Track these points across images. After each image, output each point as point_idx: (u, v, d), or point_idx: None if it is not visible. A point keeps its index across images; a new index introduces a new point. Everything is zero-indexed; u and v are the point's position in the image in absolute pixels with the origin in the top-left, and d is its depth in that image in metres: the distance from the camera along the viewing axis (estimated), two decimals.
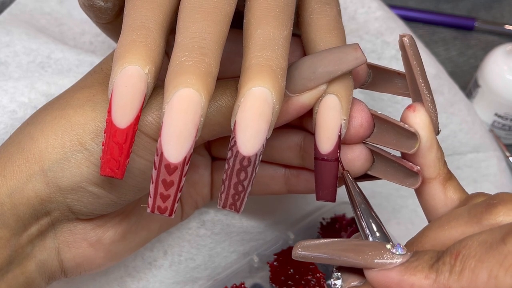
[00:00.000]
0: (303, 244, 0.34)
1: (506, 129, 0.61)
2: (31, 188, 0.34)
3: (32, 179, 0.34)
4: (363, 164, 0.37)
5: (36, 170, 0.34)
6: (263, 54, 0.30)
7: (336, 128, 0.34)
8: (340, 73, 0.34)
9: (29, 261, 0.35)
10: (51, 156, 0.34)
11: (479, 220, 0.30)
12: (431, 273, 0.29)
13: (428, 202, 0.36)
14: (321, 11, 0.37)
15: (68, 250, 0.37)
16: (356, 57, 0.34)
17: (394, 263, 0.31)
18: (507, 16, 0.72)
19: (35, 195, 0.34)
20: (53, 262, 0.37)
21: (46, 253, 0.36)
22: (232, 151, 0.30)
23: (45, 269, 0.37)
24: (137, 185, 0.35)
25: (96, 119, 0.34)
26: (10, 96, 0.47)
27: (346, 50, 0.34)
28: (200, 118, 0.29)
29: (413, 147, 0.35)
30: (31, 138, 0.34)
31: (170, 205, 0.30)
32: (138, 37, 0.31)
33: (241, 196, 0.31)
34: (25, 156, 0.34)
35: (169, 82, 0.29)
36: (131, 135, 0.30)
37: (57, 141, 0.34)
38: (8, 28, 0.52)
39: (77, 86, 0.36)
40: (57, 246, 0.37)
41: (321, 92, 0.34)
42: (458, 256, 0.29)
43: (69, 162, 0.34)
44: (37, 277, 0.36)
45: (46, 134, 0.34)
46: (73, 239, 0.37)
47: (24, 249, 0.35)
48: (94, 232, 0.37)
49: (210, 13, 0.31)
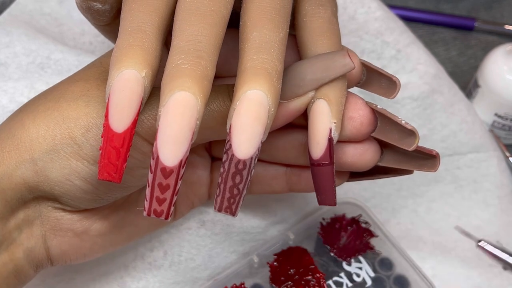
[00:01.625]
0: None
1: (506, 129, 0.61)
2: (19, 174, 0.34)
3: (21, 166, 0.34)
4: (373, 157, 0.37)
5: (26, 158, 0.34)
6: (258, 57, 0.30)
7: (325, 132, 0.34)
8: (328, 80, 0.34)
9: (17, 248, 0.36)
10: (41, 146, 0.34)
11: None
12: None
13: None
14: (314, 13, 0.37)
15: (54, 237, 0.37)
16: (344, 64, 0.34)
17: None
18: (507, 16, 0.72)
19: (23, 182, 0.34)
20: (40, 250, 0.37)
21: (33, 241, 0.37)
22: (227, 155, 0.30)
23: (32, 257, 0.37)
24: (125, 183, 0.36)
25: (88, 114, 0.34)
26: (10, 96, 0.47)
27: (334, 57, 0.34)
28: (196, 122, 0.29)
29: (412, 144, 0.35)
30: (22, 126, 0.35)
31: (166, 208, 0.30)
32: (134, 40, 0.31)
33: (237, 199, 0.31)
34: (15, 143, 0.34)
35: (165, 85, 0.29)
36: (128, 139, 0.30)
37: (48, 133, 0.34)
38: (8, 29, 0.52)
39: (72, 78, 0.36)
40: (43, 233, 0.37)
41: (309, 98, 0.34)
42: None
43: (58, 154, 0.34)
44: (25, 265, 0.37)
45: (37, 124, 0.34)
46: (59, 227, 0.37)
47: (12, 233, 0.35)
48: (80, 223, 0.38)
49: (206, 16, 0.31)
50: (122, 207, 0.40)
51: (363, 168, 0.38)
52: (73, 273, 0.47)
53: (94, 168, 0.34)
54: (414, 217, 0.55)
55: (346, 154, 0.37)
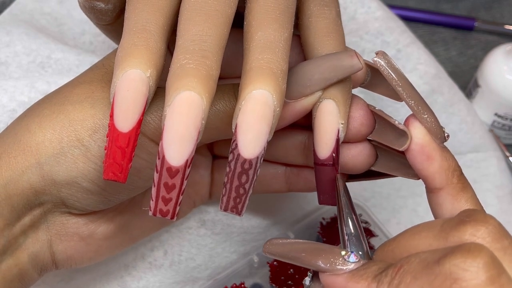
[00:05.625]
0: (272, 241, 0.35)
1: (506, 129, 0.61)
2: (26, 179, 0.34)
3: (27, 171, 0.34)
4: (367, 159, 0.37)
5: (32, 162, 0.34)
6: (264, 57, 0.30)
7: (334, 133, 0.34)
8: (336, 80, 0.34)
9: (22, 253, 0.36)
10: (47, 150, 0.34)
11: (446, 235, 0.30)
12: (373, 283, 0.30)
13: (435, 210, 0.36)
14: (319, 13, 0.37)
15: (60, 242, 0.37)
16: (352, 64, 0.34)
17: (344, 270, 0.32)
18: (507, 16, 0.72)
19: (30, 187, 0.34)
20: (45, 254, 0.37)
21: (39, 245, 0.37)
22: (233, 154, 0.30)
23: (37, 261, 0.37)
24: (131, 184, 0.36)
25: (95, 116, 0.34)
26: (10, 95, 0.47)
27: (342, 57, 0.34)
28: (202, 121, 0.29)
29: (403, 144, 0.35)
30: (28, 131, 0.35)
31: (172, 208, 0.30)
32: (139, 40, 0.31)
33: (243, 199, 0.31)
34: (21, 148, 0.34)
35: (170, 85, 0.29)
36: (133, 139, 0.30)
37: (54, 136, 0.34)
38: (8, 28, 0.52)
39: (76, 81, 0.36)
40: (49, 238, 0.37)
41: (317, 98, 0.34)
42: (400, 270, 0.29)
43: (65, 157, 0.34)
44: (29, 269, 0.37)
45: (43, 127, 0.34)
46: (65, 232, 0.37)
47: (17, 239, 0.35)
48: (86, 227, 0.38)
49: (211, 16, 0.31)
50: (127, 210, 0.40)
51: (358, 170, 0.38)
52: (73, 273, 0.47)
53: (101, 170, 0.34)
54: (414, 217, 0.55)
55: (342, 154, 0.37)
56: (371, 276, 0.30)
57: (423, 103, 0.35)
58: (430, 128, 0.35)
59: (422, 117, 0.34)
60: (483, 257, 0.27)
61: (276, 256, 0.35)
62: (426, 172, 0.35)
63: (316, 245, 0.34)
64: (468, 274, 0.26)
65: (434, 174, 0.35)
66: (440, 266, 0.27)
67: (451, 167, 0.35)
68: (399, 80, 0.34)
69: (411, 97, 0.34)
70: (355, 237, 0.34)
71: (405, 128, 0.35)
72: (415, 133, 0.35)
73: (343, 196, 0.35)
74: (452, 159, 0.35)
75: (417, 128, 0.35)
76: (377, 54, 0.34)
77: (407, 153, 0.35)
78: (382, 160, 0.38)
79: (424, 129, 0.35)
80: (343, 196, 0.35)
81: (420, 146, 0.34)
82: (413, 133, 0.35)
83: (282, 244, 0.34)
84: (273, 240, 0.35)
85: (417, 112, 0.34)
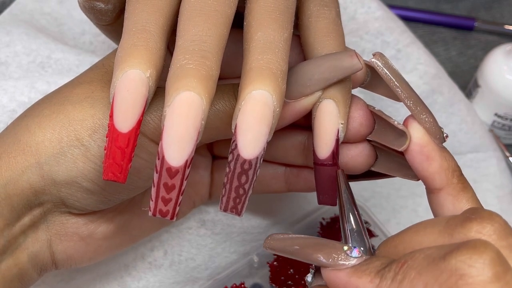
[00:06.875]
0: (273, 236, 0.35)
1: (506, 129, 0.61)
2: (26, 179, 0.34)
3: (27, 171, 0.34)
4: (366, 160, 0.37)
5: (32, 162, 0.34)
6: (263, 57, 0.30)
7: (333, 133, 0.34)
8: (336, 80, 0.34)
9: (21, 253, 0.36)
10: (47, 149, 0.34)
11: (452, 232, 0.30)
12: (376, 278, 0.30)
13: (436, 211, 0.35)
14: (319, 14, 0.37)
15: (60, 242, 0.37)
16: (352, 64, 0.34)
17: (346, 265, 0.32)
18: (507, 16, 0.72)
19: (30, 187, 0.34)
20: (45, 254, 0.37)
21: (38, 245, 0.37)
22: (233, 154, 0.30)
23: (37, 261, 0.37)
24: (131, 184, 0.36)
25: (94, 116, 0.34)
26: (10, 96, 0.47)
27: (342, 57, 0.34)
28: (201, 122, 0.29)
29: (403, 145, 0.35)
30: (28, 131, 0.35)
31: (172, 208, 0.30)
32: (139, 40, 0.31)
33: (242, 199, 0.31)
34: (21, 148, 0.34)
35: (170, 85, 0.29)
36: (133, 139, 0.30)
37: (54, 135, 0.34)
38: (8, 28, 0.52)
39: (76, 80, 0.36)
40: (49, 238, 0.37)
41: (317, 98, 0.34)
42: (404, 266, 0.29)
43: (65, 157, 0.34)
44: (29, 269, 0.37)
45: (43, 127, 0.34)
46: (65, 232, 0.37)
47: (17, 239, 0.35)
48: (86, 227, 0.38)
49: (211, 16, 0.31)
50: (126, 210, 0.40)
51: (358, 170, 0.38)
52: (73, 273, 0.47)
53: (101, 170, 0.34)
54: (414, 217, 0.55)
55: (342, 154, 0.37)
56: (374, 271, 0.30)
57: (421, 104, 0.35)
58: (428, 128, 0.35)
59: (421, 118, 0.34)
60: (489, 253, 0.27)
61: (277, 251, 0.34)
62: (425, 173, 0.35)
63: (317, 240, 0.33)
64: (474, 271, 0.26)
65: (433, 174, 0.34)
66: (445, 262, 0.27)
67: (451, 167, 0.35)
68: (396, 81, 0.34)
69: (409, 97, 0.34)
70: (357, 233, 0.34)
71: (405, 128, 0.35)
72: (414, 133, 0.34)
73: (344, 192, 0.35)
74: (451, 159, 0.35)
75: (416, 128, 0.35)
76: (374, 55, 0.34)
77: (407, 153, 0.35)
78: (381, 160, 0.38)
79: (423, 129, 0.35)
80: (344, 192, 0.35)
81: (419, 146, 0.34)
82: (412, 134, 0.34)
83: (283, 239, 0.34)
84: (274, 235, 0.35)
85: (416, 112, 0.34)
